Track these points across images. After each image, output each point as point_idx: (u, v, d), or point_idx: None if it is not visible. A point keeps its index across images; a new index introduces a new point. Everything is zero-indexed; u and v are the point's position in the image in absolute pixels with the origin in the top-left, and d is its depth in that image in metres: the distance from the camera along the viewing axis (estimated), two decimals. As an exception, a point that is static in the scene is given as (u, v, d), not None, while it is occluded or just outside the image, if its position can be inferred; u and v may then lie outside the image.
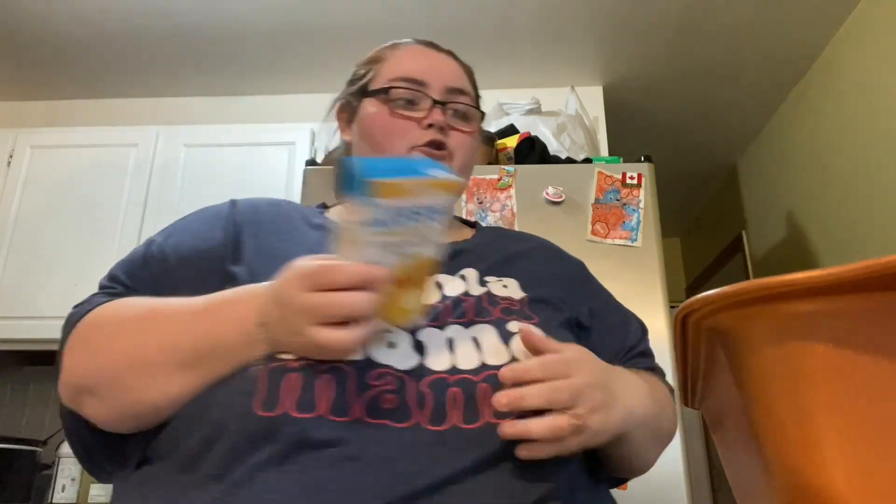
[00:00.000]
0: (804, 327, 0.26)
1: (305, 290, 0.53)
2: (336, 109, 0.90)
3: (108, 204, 2.32)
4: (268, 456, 0.52)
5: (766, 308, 0.27)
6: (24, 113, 2.84)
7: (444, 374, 0.58)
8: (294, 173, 2.30)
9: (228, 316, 0.59)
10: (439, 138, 0.77)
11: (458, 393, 0.57)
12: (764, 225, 3.11)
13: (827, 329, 0.26)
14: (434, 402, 0.56)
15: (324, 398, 0.54)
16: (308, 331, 0.53)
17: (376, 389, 0.55)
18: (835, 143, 2.47)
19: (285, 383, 0.54)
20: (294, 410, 0.53)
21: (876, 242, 2.22)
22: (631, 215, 1.79)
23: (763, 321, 0.27)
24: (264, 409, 0.54)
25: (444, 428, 0.55)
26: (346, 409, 0.54)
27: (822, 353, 0.26)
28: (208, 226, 0.74)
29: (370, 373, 0.56)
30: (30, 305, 2.19)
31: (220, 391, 0.57)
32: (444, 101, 0.79)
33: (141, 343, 0.61)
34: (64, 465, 1.96)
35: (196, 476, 0.54)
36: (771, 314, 0.27)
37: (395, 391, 0.55)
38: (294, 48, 2.55)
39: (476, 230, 0.87)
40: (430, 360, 0.59)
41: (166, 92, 2.82)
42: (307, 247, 0.65)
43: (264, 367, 0.56)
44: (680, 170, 3.37)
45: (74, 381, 0.64)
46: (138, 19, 2.39)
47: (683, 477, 1.51)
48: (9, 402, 2.46)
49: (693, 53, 2.55)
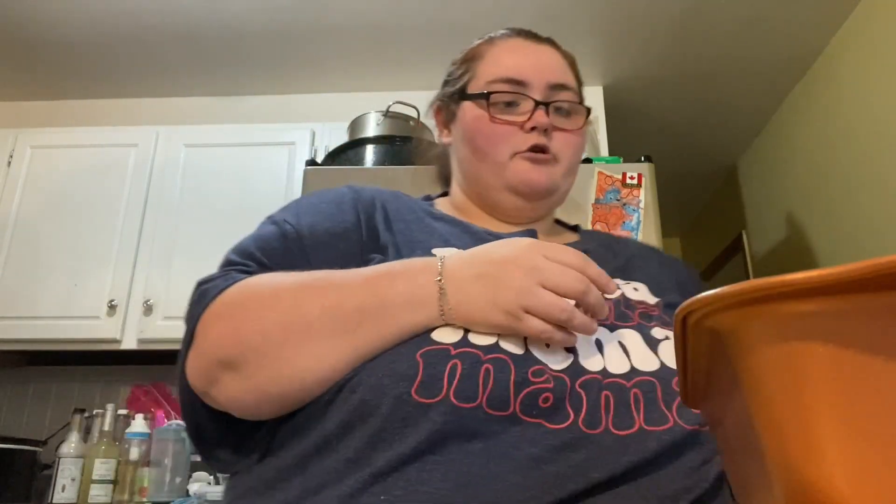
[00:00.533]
0: (804, 327, 0.26)
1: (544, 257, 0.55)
2: (434, 110, 0.88)
3: (108, 204, 2.32)
4: (415, 444, 0.49)
5: (766, 308, 0.27)
6: (24, 113, 2.84)
7: (598, 376, 0.55)
8: (294, 173, 2.30)
9: (404, 275, 0.57)
10: (542, 142, 0.74)
11: (611, 396, 0.54)
12: (764, 225, 3.11)
13: (827, 329, 0.26)
14: (589, 404, 0.53)
15: (485, 389, 0.51)
16: (533, 288, 0.53)
17: (535, 386, 0.52)
18: (835, 144, 2.47)
19: (447, 369, 0.51)
20: (454, 398, 0.50)
21: (876, 242, 2.22)
22: (631, 215, 1.79)
23: (763, 321, 0.27)
24: (421, 395, 0.51)
25: (598, 431, 0.52)
26: (505, 403, 0.51)
27: (822, 353, 0.26)
28: (338, 209, 0.71)
29: (531, 369, 0.53)
30: (30, 305, 2.19)
31: (369, 373, 0.53)
32: (547, 102, 0.76)
33: (302, 307, 0.56)
34: (64, 465, 1.96)
35: (329, 462, 0.52)
36: (771, 314, 0.27)
37: (552, 390, 0.52)
38: (294, 48, 2.55)
39: (578, 234, 0.85)
40: (583, 361, 0.56)
41: (166, 92, 2.82)
42: (442, 238, 0.68)
43: (419, 353, 0.53)
44: (680, 170, 3.37)
45: (215, 353, 0.58)
46: (139, 20, 2.39)
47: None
48: (9, 402, 2.46)
49: (693, 53, 2.55)
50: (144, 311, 2.16)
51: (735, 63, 2.60)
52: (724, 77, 2.68)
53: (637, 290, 0.69)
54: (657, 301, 0.68)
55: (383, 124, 2.03)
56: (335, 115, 2.50)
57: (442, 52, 2.57)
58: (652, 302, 0.68)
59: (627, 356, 0.58)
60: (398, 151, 1.97)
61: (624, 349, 0.58)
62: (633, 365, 0.57)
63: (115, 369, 2.44)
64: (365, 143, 2.00)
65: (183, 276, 2.18)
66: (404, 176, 1.81)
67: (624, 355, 0.58)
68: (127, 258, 2.24)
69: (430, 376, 0.51)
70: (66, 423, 2.14)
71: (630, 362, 0.57)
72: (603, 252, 0.76)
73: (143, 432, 2.03)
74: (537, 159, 0.74)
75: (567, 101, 0.77)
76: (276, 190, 2.28)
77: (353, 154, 1.99)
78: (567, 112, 0.78)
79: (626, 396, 0.54)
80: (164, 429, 2.00)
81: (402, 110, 1.98)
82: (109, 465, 1.96)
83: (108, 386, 2.44)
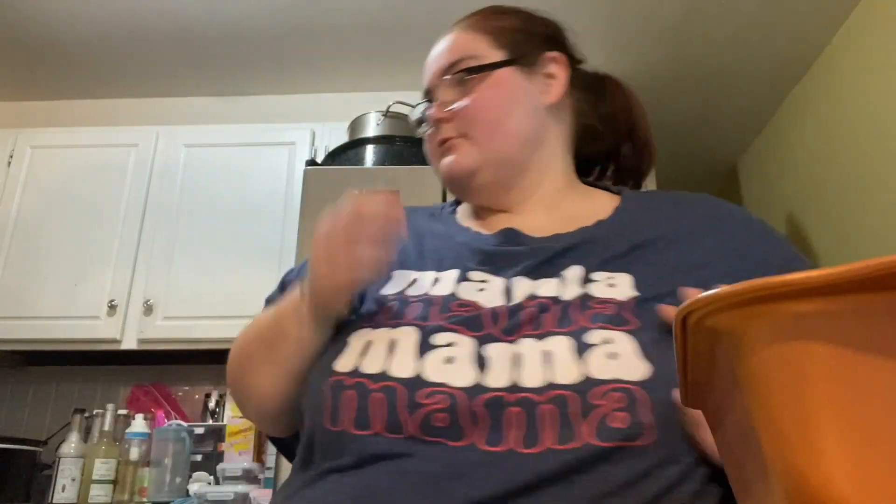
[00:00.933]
0: (804, 327, 0.26)
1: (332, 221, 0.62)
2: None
3: (108, 204, 2.32)
4: (340, 464, 0.55)
5: (766, 308, 0.27)
6: (24, 113, 2.84)
7: (503, 393, 0.53)
8: (294, 173, 2.30)
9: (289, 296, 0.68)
10: (438, 137, 0.72)
11: (520, 413, 0.52)
12: (764, 225, 3.11)
13: (827, 329, 0.26)
14: (491, 422, 0.52)
15: (378, 417, 0.54)
16: (343, 248, 0.60)
17: (428, 408, 0.53)
18: (835, 144, 2.47)
19: (343, 401, 0.56)
20: (352, 428, 0.55)
21: (876, 242, 2.22)
22: (631, 215, 1.78)
23: (763, 321, 0.27)
24: (331, 424, 0.56)
25: (500, 449, 0.51)
26: (399, 427, 0.53)
27: (822, 353, 0.26)
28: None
29: (420, 391, 0.54)
30: (30, 305, 2.19)
31: (304, 404, 0.62)
32: (430, 98, 0.75)
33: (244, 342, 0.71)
34: (64, 465, 1.96)
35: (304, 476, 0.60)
36: (771, 314, 0.27)
37: (447, 409, 0.53)
38: (294, 48, 2.55)
39: (620, 202, 0.73)
40: (488, 377, 0.54)
41: (166, 92, 2.82)
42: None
43: (326, 384, 0.58)
44: (680, 170, 3.37)
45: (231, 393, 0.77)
46: (138, 19, 2.39)
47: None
48: (9, 402, 2.46)
49: (693, 54, 2.55)
50: (144, 311, 2.16)
51: (735, 63, 2.60)
52: (724, 77, 2.68)
53: (614, 285, 0.61)
54: (633, 297, 0.60)
55: (383, 124, 2.03)
56: (335, 115, 2.50)
57: (442, 52, 2.57)
58: (622, 298, 0.60)
59: (551, 367, 0.54)
60: (398, 151, 1.97)
61: (549, 359, 0.55)
62: (550, 378, 0.53)
63: (115, 369, 2.44)
64: (365, 143, 2.00)
65: (183, 276, 2.18)
66: (404, 176, 1.81)
67: (544, 366, 0.54)
68: (127, 258, 2.24)
69: (335, 407, 0.56)
70: (66, 423, 2.14)
71: (548, 375, 0.54)
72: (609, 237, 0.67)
73: (143, 432, 2.03)
74: (442, 151, 0.72)
75: (452, 75, 0.72)
76: (276, 190, 2.28)
77: (353, 154, 1.99)
78: (462, 83, 0.72)
79: (535, 412, 0.52)
80: (164, 429, 2.00)
81: (402, 110, 1.98)
82: (109, 465, 1.96)
83: (108, 386, 2.44)
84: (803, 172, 2.72)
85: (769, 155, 3.03)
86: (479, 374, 0.55)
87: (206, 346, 2.07)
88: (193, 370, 2.39)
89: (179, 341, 2.15)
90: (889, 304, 0.25)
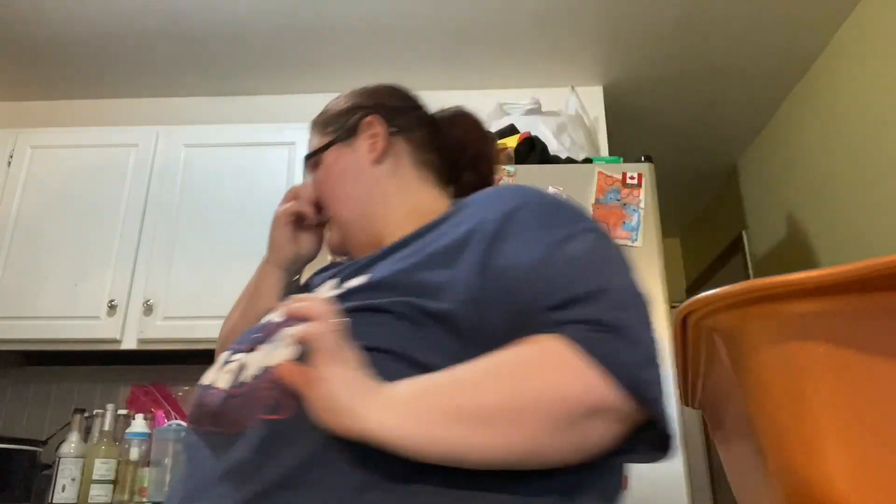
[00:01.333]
0: (804, 327, 0.26)
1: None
2: None
3: (108, 204, 2.32)
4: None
5: (766, 308, 0.27)
6: (24, 113, 2.84)
7: (218, 390, 0.68)
8: (294, 173, 2.30)
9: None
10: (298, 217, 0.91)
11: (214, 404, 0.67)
12: (764, 225, 3.11)
13: (827, 329, 0.26)
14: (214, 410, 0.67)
15: (191, 412, 0.70)
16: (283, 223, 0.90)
17: (206, 406, 0.68)
18: (835, 143, 2.47)
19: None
20: (186, 420, 0.73)
21: (876, 242, 2.22)
22: (631, 215, 1.79)
23: (763, 321, 0.27)
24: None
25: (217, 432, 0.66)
26: (197, 420, 0.68)
27: (822, 353, 0.26)
28: None
29: (207, 391, 0.69)
30: (30, 305, 2.19)
31: None
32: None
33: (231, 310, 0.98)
34: (64, 465, 1.96)
35: None
36: (771, 314, 0.27)
37: (215, 405, 0.66)
38: (294, 48, 2.55)
39: (447, 215, 0.73)
40: (216, 379, 0.70)
41: (166, 92, 2.82)
42: None
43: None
44: (680, 170, 3.37)
45: None
46: (138, 19, 2.39)
47: (683, 477, 1.51)
48: (9, 402, 2.45)
49: (693, 53, 2.55)
50: (144, 311, 2.16)
51: (735, 63, 2.60)
52: (724, 77, 2.68)
53: (351, 284, 0.69)
54: (350, 287, 0.68)
55: (383, 124, 2.03)
56: (335, 115, 2.49)
57: (442, 53, 2.57)
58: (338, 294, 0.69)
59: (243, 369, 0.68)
60: (398, 151, 1.96)
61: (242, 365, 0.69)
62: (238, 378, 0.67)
63: (115, 369, 2.44)
64: (365, 143, 1.99)
65: (183, 277, 2.18)
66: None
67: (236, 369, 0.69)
68: (127, 258, 2.24)
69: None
70: (66, 423, 2.14)
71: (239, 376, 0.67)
72: (396, 247, 0.72)
73: (143, 432, 2.03)
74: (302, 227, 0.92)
75: (305, 170, 0.90)
76: (277, 190, 2.28)
77: (353, 154, 1.99)
78: (312, 173, 0.89)
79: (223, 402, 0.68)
80: (164, 429, 2.00)
81: (402, 110, 1.97)
82: (109, 465, 1.96)
83: (108, 386, 2.44)
84: (803, 172, 2.72)
85: (769, 155, 3.03)
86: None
87: (206, 346, 2.07)
88: (193, 370, 2.39)
89: (179, 341, 2.15)
90: (889, 304, 0.25)
